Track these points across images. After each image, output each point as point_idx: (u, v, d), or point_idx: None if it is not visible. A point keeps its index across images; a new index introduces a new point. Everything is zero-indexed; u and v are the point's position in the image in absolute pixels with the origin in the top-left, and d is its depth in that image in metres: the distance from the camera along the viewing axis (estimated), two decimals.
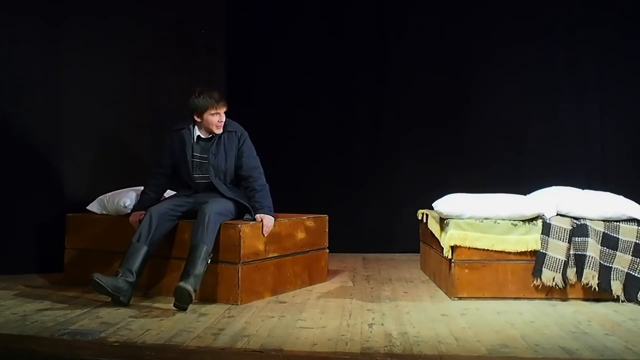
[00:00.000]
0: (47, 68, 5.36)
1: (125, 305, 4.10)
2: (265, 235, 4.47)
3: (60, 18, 5.40)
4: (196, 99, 4.54)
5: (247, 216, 4.54)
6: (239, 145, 4.63)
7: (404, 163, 6.80)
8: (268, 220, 4.49)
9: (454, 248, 4.43)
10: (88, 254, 4.86)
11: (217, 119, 4.55)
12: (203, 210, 4.26)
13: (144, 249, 4.24)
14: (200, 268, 4.10)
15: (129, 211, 4.73)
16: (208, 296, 4.27)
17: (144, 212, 4.43)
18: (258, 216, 4.50)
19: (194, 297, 4.00)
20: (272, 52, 6.93)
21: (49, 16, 5.35)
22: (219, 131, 4.58)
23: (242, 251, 4.25)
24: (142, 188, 4.82)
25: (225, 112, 4.60)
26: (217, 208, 4.32)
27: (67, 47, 5.45)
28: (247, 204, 4.55)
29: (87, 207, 5.00)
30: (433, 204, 4.63)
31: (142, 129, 5.92)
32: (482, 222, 4.45)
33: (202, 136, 4.62)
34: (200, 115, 4.54)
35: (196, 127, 4.62)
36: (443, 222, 4.61)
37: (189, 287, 3.97)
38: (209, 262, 4.16)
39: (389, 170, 6.82)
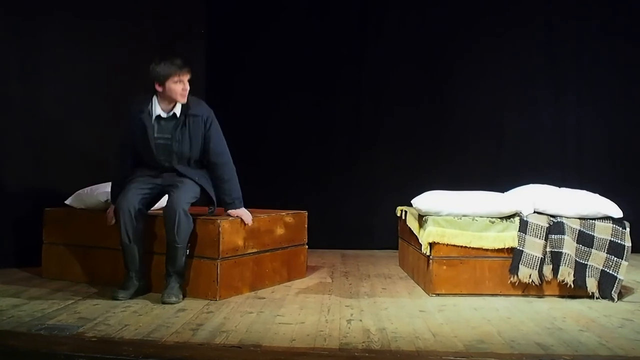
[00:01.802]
0: (23, 62, 5.31)
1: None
2: (249, 224, 4.44)
3: (36, 11, 5.34)
4: (157, 66, 4.21)
5: (210, 209, 4.46)
6: (205, 130, 4.36)
7: (383, 159, 6.82)
8: (246, 217, 4.45)
9: (432, 245, 4.46)
10: (66, 248, 4.84)
11: (180, 87, 4.22)
12: (172, 205, 4.15)
13: (136, 249, 4.22)
14: (180, 263, 4.16)
15: (107, 206, 4.69)
16: (187, 291, 4.27)
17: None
18: (232, 212, 4.42)
19: (181, 299, 4.13)
20: (252, 47, 6.91)
21: (24, 11, 5.29)
22: (184, 100, 4.26)
23: (221, 247, 4.25)
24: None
25: (189, 81, 4.29)
26: (185, 198, 4.21)
27: (43, 41, 5.39)
28: (213, 196, 4.42)
29: (66, 202, 4.96)
30: (411, 201, 4.65)
31: (120, 123, 5.86)
32: (460, 219, 4.49)
33: (163, 115, 4.30)
34: (162, 84, 4.21)
35: (156, 102, 4.30)
36: (421, 218, 4.64)
37: (173, 299, 4.07)
38: (187, 253, 4.20)
39: (368, 166, 6.84)
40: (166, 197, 4.36)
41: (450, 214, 4.51)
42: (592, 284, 4.35)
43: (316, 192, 6.69)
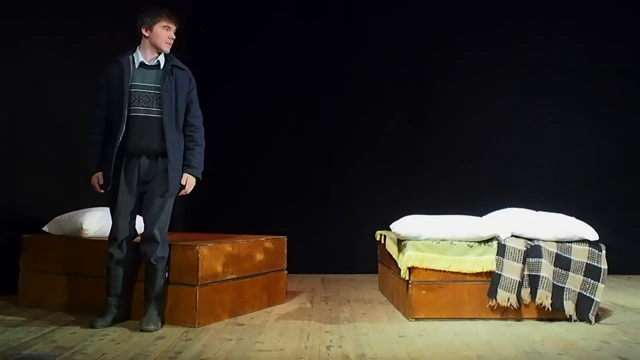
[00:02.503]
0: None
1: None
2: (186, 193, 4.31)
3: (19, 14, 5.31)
4: (146, 12, 4.18)
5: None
6: (189, 88, 4.29)
7: (362, 183, 6.85)
8: (189, 186, 4.29)
9: (411, 269, 4.47)
10: (44, 275, 4.78)
11: (168, 34, 4.18)
12: (151, 232, 4.11)
13: (121, 274, 4.21)
14: (159, 285, 4.17)
15: (87, 233, 4.67)
16: (165, 318, 4.23)
17: (101, 171, 4.20)
18: (190, 178, 4.27)
19: (160, 326, 4.11)
20: (232, 76, 6.92)
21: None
22: (168, 49, 4.20)
23: (200, 273, 4.23)
24: (100, 209, 4.74)
25: (175, 33, 4.22)
26: (164, 224, 4.17)
27: (19, 53, 5.31)
28: (180, 184, 4.25)
29: (43, 228, 4.92)
30: (390, 226, 4.67)
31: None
32: (439, 243, 4.51)
33: (146, 62, 4.19)
34: (150, 28, 4.15)
35: (139, 52, 4.19)
36: (400, 243, 4.65)
37: (152, 327, 4.05)
38: (166, 276, 4.20)
39: (348, 190, 6.86)
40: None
41: (429, 239, 4.53)
42: (569, 307, 4.39)
43: (297, 216, 6.69)
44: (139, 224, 4.33)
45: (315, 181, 6.89)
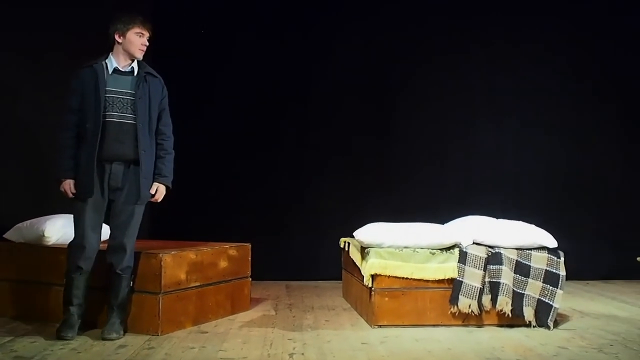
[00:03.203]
0: None
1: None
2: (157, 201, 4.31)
3: None
4: (119, 18, 4.17)
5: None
6: (162, 96, 4.30)
7: (326, 191, 6.87)
8: (160, 194, 4.29)
9: (374, 276, 4.51)
10: (3, 283, 4.72)
11: (141, 41, 4.17)
12: (121, 244, 4.11)
13: (84, 283, 4.13)
14: (123, 294, 4.14)
15: (49, 241, 4.61)
16: (127, 327, 4.20)
17: (74, 179, 4.10)
18: (161, 186, 4.27)
19: (122, 335, 4.09)
20: (201, 82, 6.90)
21: None
22: (141, 56, 4.19)
23: (163, 281, 4.21)
24: (62, 216, 4.69)
25: (148, 40, 4.21)
26: (133, 237, 4.17)
27: None
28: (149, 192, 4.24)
29: (4, 235, 4.85)
30: (354, 233, 4.71)
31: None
32: (402, 250, 4.56)
33: (120, 68, 4.16)
34: (123, 34, 4.13)
35: (112, 58, 4.17)
36: (364, 250, 4.69)
37: (114, 335, 4.03)
38: (131, 285, 4.19)
39: (312, 198, 6.87)
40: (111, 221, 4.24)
41: (392, 246, 4.57)
42: (529, 313, 4.47)
43: (261, 223, 6.68)
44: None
45: (279, 188, 6.89)
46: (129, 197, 4.16)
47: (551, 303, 4.48)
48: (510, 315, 4.45)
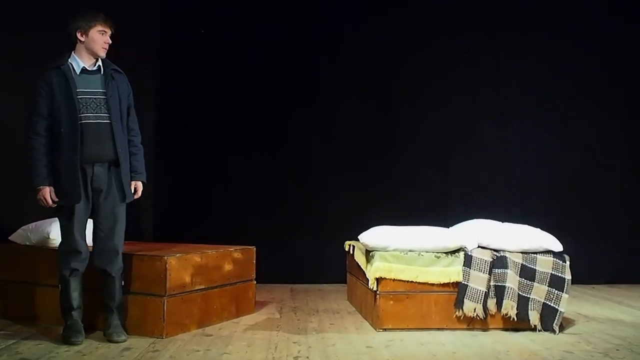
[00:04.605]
0: None
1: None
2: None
3: None
4: (81, 15, 4.07)
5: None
6: (128, 91, 4.25)
7: (332, 194, 6.85)
8: (139, 191, 4.30)
9: (379, 280, 4.50)
10: (9, 285, 4.73)
11: (104, 39, 4.07)
12: (111, 247, 4.10)
13: (79, 286, 4.13)
14: (119, 295, 4.15)
15: (54, 243, 4.58)
16: (132, 329, 4.21)
17: (52, 186, 4.02)
18: (139, 183, 4.28)
19: (126, 337, 4.08)
20: (201, 87, 6.89)
21: None
22: (104, 54, 4.10)
23: (168, 284, 4.22)
24: None
25: (110, 37, 4.13)
26: (121, 239, 4.16)
27: None
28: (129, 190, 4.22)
29: (10, 238, 4.87)
30: (359, 236, 4.70)
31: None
32: (407, 254, 4.55)
33: (87, 67, 4.08)
34: (85, 32, 4.03)
35: (76, 57, 4.08)
36: (369, 254, 4.69)
37: (123, 337, 4.04)
38: (122, 283, 4.18)
39: (317, 200, 6.85)
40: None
41: (396, 249, 4.57)
42: (534, 317, 4.46)
43: (266, 226, 6.67)
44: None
45: (284, 191, 6.88)
46: (114, 198, 4.13)
47: (557, 307, 4.47)
48: (515, 319, 4.43)
